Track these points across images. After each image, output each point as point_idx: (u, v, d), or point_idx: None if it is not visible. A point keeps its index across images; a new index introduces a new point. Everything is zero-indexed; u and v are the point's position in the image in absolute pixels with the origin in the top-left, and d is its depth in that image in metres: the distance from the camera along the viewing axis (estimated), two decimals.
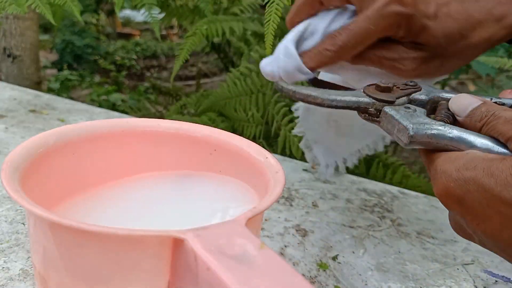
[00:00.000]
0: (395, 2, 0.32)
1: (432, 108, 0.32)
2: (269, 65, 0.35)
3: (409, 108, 0.30)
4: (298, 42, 0.35)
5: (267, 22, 0.55)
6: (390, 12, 0.32)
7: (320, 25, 0.35)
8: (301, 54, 0.35)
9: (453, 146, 0.27)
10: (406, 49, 0.34)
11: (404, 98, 0.31)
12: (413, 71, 0.35)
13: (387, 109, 0.30)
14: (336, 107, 0.31)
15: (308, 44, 0.36)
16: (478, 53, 0.36)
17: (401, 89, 0.32)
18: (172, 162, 0.32)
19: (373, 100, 0.31)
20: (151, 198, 0.30)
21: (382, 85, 0.31)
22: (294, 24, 0.36)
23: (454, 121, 0.30)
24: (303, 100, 0.33)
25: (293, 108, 0.51)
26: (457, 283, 0.40)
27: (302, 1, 0.36)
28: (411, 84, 0.32)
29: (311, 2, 0.36)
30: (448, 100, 0.31)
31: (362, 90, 0.32)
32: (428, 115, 0.30)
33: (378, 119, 0.31)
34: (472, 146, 0.26)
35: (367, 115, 0.31)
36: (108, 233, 0.19)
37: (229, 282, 0.17)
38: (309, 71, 0.34)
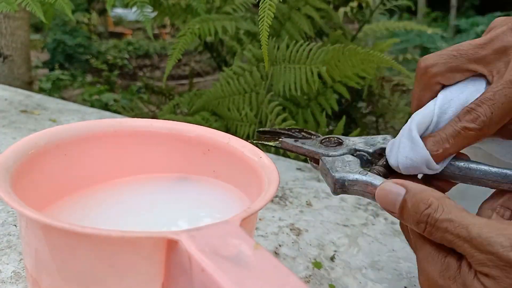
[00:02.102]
0: None
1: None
2: (391, 153, 0.30)
3: (344, 159, 0.32)
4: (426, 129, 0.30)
5: (261, 19, 0.55)
6: None
7: (453, 101, 0.30)
8: (429, 141, 0.29)
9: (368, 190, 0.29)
10: None
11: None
12: None
13: (324, 158, 0.32)
14: (296, 152, 0.34)
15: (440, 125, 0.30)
16: None
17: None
18: (165, 162, 0.32)
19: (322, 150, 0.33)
20: (144, 200, 0.30)
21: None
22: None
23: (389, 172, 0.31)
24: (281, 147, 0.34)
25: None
26: None
27: (420, 89, 0.31)
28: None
29: (430, 86, 0.31)
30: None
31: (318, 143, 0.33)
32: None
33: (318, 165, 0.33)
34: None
35: (313, 163, 0.33)
36: (101, 235, 0.19)
37: (223, 283, 0.17)
38: (437, 166, 0.29)
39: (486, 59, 0.29)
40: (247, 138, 0.77)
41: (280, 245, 0.43)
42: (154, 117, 1.33)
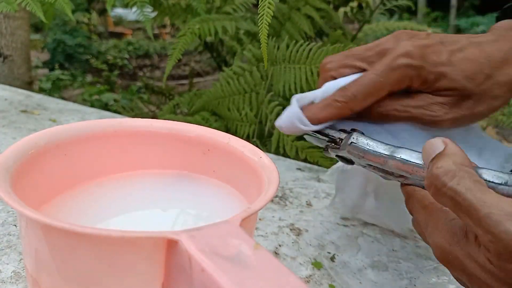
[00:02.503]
0: (403, 56, 0.33)
1: None
2: (281, 119, 0.35)
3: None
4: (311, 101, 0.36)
5: (260, 17, 0.55)
6: (398, 65, 0.33)
7: (335, 84, 0.36)
8: (307, 107, 0.35)
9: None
10: (430, 95, 0.34)
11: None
12: (446, 115, 0.34)
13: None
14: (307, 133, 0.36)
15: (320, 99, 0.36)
16: None
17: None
18: (165, 162, 0.32)
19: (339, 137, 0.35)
20: (143, 198, 0.30)
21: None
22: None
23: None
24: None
25: (327, 173, 0.49)
26: (450, 281, 0.40)
27: (320, 81, 0.37)
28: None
29: (326, 78, 0.37)
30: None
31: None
32: None
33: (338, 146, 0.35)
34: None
35: (332, 144, 0.35)
36: (101, 235, 0.19)
37: (223, 283, 0.17)
38: (308, 123, 0.35)
39: (369, 58, 0.35)
40: (247, 138, 0.77)
41: (280, 245, 0.43)
42: (154, 117, 1.33)
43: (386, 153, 0.32)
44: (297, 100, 0.36)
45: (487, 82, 0.33)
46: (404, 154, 0.31)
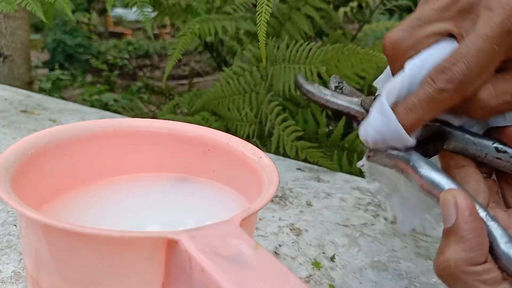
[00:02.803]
0: None
1: (428, 134, 0.28)
2: (369, 133, 0.27)
3: None
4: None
5: (258, 14, 0.55)
6: None
7: (425, 62, 0.26)
8: (400, 109, 0.26)
9: (407, 170, 0.27)
10: None
11: None
12: None
13: None
14: (327, 107, 0.30)
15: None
16: None
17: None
18: (165, 162, 0.32)
19: (363, 110, 0.29)
20: (143, 199, 0.30)
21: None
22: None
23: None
24: (304, 95, 0.31)
25: (358, 164, 0.44)
26: None
27: (396, 68, 0.28)
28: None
29: (404, 62, 0.27)
30: (446, 131, 0.28)
31: (359, 102, 0.30)
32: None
33: None
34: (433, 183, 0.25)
35: (356, 124, 0.30)
36: (101, 235, 0.19)
37: (223, 283, 0.17)
38: (411, 140, 0.26)
39: (453, 18, 0.26)
40: (247, 138, 0.77)
41: (280, 245, 0.43)
42: (154, 117, 1.33)
43: (410, 165, 0.26)
44: (386, 97, 0.26)
45: None
46: (426, 171, 0.26)
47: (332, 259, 0.41)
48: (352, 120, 0.30)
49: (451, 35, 0.26)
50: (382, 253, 0.43)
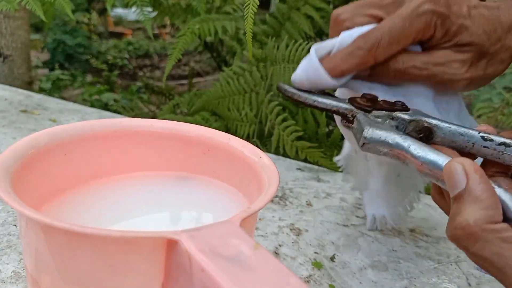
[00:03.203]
0: (429, 1, 0.31)
1: (415, 130, 0.31)
2: (297, 74, 0.33)
3: (380, 119, 0.31)
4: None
5: (246, 6, 0.55)
6: (425, 10, 0.31)
7: (353, 34, 0.33)
8: (325, 58, 0.33)
9: (403, 155, 0.28)
10: (451, 52, 0.33)
11: (384, 112, 0.31)
12: (465, 73, 0.33)
13: (360, 116, 0.31)
14: (317, 108, 0.32)
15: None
16: None
17: (387, 105, 0.32)
18: (165, 162, 0.32)
19: (352, 107, 0.31)
20: (143, 199, 0.30)
21: (369, 96, 0.32)
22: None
23: (428, 138, 0.31)
24: (290, 98, 0.33)
25: (335, 159, 0.46)
26: (450, 281, 0.40)
27: (331, 34, 0.35)
28: (399, 103, 0.32)
29: (339, 30, 0.34)
30: (432, 125, 0.31)
31: (347, 99, 0.32)
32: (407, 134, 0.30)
33: (352, 125, 0.32)
34: (425, 161, 0.27)
35: (345, 121, 0.32)
36: (101, 234, 0.19)
37: (223, 283, 0.17)
38: (329, 79, 0.32)
39: (387, 7, 0.33)
40: (247, 138, 0.77)
41: (280, 245, 0.43)
42: (154, 117, 1.33)
43: (406, 150, 0.28)
44: (315, 50, 0.33)
45: (498, 43, 0.33)
46: (424, 152, 0.27)
47: (332, 259, 0.41)
48: (343, 118, 0.31)
49: (380, 20, 0.33)
50: (382, 253, 0.43)
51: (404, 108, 0.32)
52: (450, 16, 0.32)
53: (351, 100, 0.32)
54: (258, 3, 0.55)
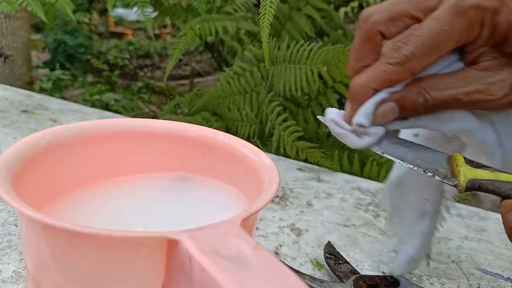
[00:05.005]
0: None
1: None
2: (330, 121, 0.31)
3: None
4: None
5: (261, 16, 0.55)
6: (469, 7, 0.26)
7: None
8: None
9: None
10: (486, 72, 0.27)
11: None
12: (506, 97, 0.27)
13: None
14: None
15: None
16: None
17: (384, 285, 0.34)
18: (165, 162, 0.32)
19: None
20: (144, 199, 0.30)
21: (369, 282, 0.34)
22: (358, 71, 0.30)
23: None
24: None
25: (382, 188, 0.42)
26: (451, 281, 0.40)
27: (360, 39, 0.29)
28: (391, 280, 0.34)
29: (371, 36, 0.29)
30: None
31: (351, 283, 0.34)
32: None
33: None
34: None
35: None
36: (102, 234, 0.19)
37: (224, 283, 0.17)
38: (344, 124, 0.30)
39: (427, 2, 0.28)
40: (247, 138, 0.77)
41: (280, 245, 0.43)
42: (155, 117, 1.33)
43: None
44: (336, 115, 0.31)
45: None
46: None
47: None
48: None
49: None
50: (382, 253, 0.43)
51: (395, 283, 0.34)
52: (502, 11, 0.26)
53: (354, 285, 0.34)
54: (274, 13, 0.54)
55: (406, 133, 0.35)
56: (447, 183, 0.28)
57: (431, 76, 0.28)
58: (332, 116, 0.31)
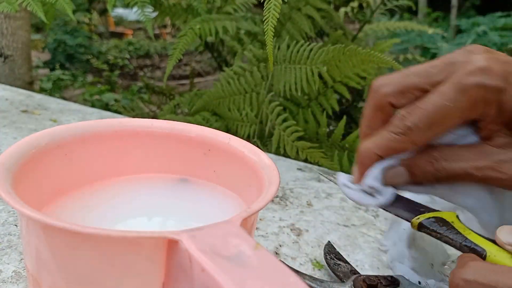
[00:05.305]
0: (480, 72, 0.26)
1: None
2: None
3: None
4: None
5: (265, 19, 0.55)
6: (471, 84, 0.26)
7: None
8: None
9: None
10: (496, 149, 0.27)
11: None
12: None
13: None
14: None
15: None
16: None
17: (384, 285, 0.34)
18: (165, 162, 0.32)
19: None
20: (144, 199, 0.30)
21: (368, 281, 0.34)
22: (368, 137, 0.31)
23: None
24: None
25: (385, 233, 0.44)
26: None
27: (371, 108, 0.30)
28: (391, 280, 0.34)
29: (381, 106, 0.30)
30: None
31: (351, 283, 0.34)
32: None
33: None
34: None
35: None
36: (102, 234, 0.19)
37: (224, 283, 0.17)
38: (351, 185, 0.31)
39: (434, 77, 0.28)
40: (247, 138, 0.77)
41: (280, 245, 0.43)
42: (155, 117, 1.33)
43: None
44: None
45: None
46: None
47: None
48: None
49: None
50: (382, 254, 0.43)
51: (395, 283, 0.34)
52: (508, 90, 0.26)
53: (355, 284, 0.34)
54: (278, 16, 0.55)
55: None
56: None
57: (444, 146, 0.29)
58: (343, 181, 0.32)
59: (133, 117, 1.20)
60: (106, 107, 2.16)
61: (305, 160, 0.67)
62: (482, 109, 0.27)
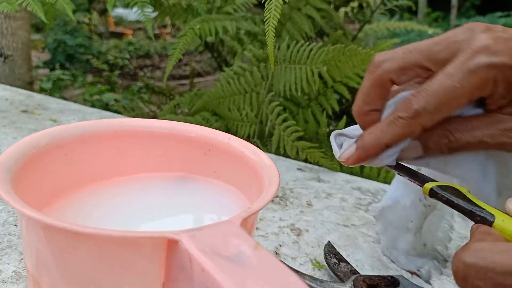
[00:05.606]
0: (483, 52, 0.26)
1: None
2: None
3: None
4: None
5: (266, 20, 0.55)
6: (479, 65, 0.26)
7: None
8: (366, 132, 0.30)
9: None
10: (505, 116, 0.28)
11: None
12: None
13: None
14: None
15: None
16: None
17: (384, 285, 0.34)
18: (165, 162, 0.32)
19: None
20: (144, 199, 0.30)
21: (369, 282, 0.34)
22: (364, 114, 0.30)
23: None
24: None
25: (371, 211, 0.45)
26: (451, 280, 0.40)
27: (370, 83, 0.30)
28: (391, 280, 0.35)
29: (381, 82, 0.29)
30: None
31: (351, 283, 0.34)
32: None
33: None
34: None
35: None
36: (102, 234, 0.19)
37: (224, 283, 0.17)
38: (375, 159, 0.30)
39: (438, 55, 0.28)
40: (247, 138, 0.77)
41: (280, 245, 0.43)
42: (155, 117, 1.33)
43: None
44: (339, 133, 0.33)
45: None
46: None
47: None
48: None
49: (430, 73, 0.29)
50: (382, 253, 0.43)
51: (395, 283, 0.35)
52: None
53: (355, 284, 0.34)
54: (279, 16, 0.55)
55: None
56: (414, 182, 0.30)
57: (456, 118, 0.29)
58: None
59: (133, 117, 1.20)
60: (106, 107, 2.16)
61: (305, 160, 0.67)
62: (491, 88, 0.27)
